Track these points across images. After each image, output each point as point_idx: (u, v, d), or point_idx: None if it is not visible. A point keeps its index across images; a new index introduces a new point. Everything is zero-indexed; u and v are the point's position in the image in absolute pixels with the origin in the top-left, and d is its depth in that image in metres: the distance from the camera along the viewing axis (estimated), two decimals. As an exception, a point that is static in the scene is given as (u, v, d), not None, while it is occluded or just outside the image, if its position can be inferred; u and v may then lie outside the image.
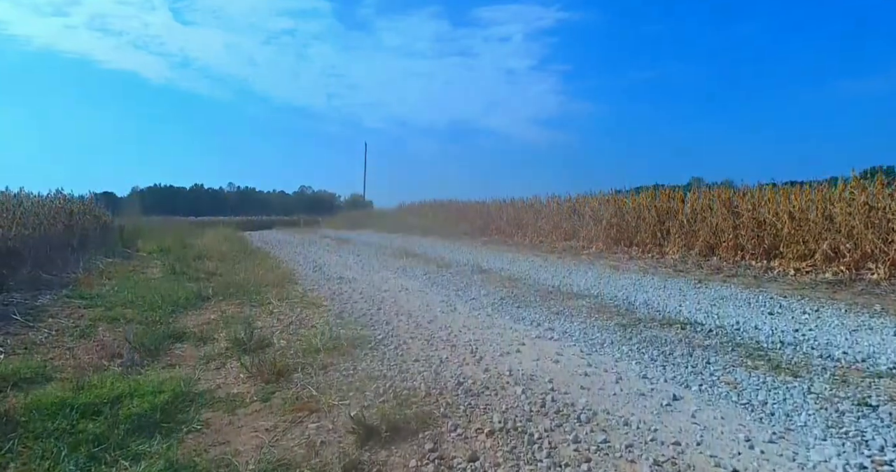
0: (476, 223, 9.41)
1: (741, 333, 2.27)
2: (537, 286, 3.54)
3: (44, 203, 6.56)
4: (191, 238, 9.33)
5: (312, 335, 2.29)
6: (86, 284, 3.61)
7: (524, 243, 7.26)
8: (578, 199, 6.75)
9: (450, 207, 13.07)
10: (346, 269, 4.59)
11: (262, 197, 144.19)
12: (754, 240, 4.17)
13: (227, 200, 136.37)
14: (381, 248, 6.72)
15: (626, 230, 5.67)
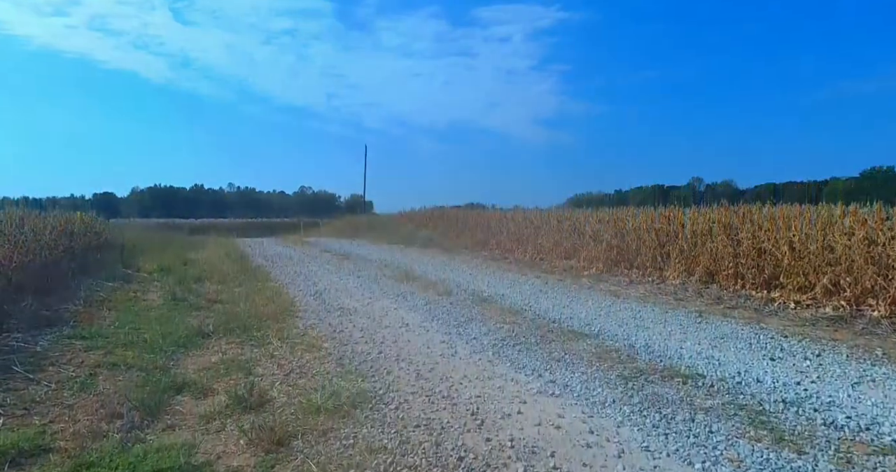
0: (476, 237, 9.41)
1: (743, 387, 2.26)
2: (538, 321, 3.53)
3: (45, 222, 6.57)
4: (191, 251, 9.33)
5: (313, 389, 2.29)
6: (86, 319, 3.60)
7: (524, 260, 7.25)
8: (579, 218, 6.74)
9: (450, 217, 13.07)
10: (347, 296, 4.58)
11: (262, 197, 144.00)
12: (754, 270, 4.16)
13: (227, 201, 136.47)
14: (382, 266, 6.71)
15: (626, 252, 5.66)
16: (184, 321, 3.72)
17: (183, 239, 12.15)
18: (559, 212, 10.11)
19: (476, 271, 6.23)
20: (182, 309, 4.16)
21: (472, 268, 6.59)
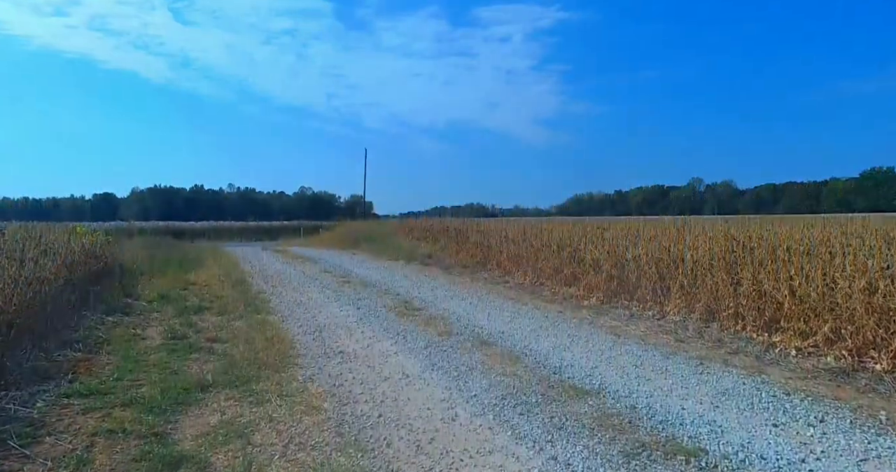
0: (476, 257, 9.39)
1: (747, 466, 2.25)
2: (539, 372, 3.51)
3: (45, 246, 6.55)
4: (191, 270, 9.32)
5: (311, 468, 2.28)
6: (85, 369, 3.59)
7: (524, 285, 7.24)
8: (579, 246, 6.73)
9: (450, 230, 13.07)
10: (347, 334, 4.56)
11: (261, 198, 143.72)
12: (755, 312, 4.14)
13: (227, 202, 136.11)
14: (382, 292, 6.69)
15: (626, 284, 5.65)
16: (183, 368, 3.71)
17: (183, 253, 12.14)
18: (560, 228, 10.11)
19: (476, 299, 6.21)
20: (181, 351, 4.14)
21: (471, 294, 6.57)
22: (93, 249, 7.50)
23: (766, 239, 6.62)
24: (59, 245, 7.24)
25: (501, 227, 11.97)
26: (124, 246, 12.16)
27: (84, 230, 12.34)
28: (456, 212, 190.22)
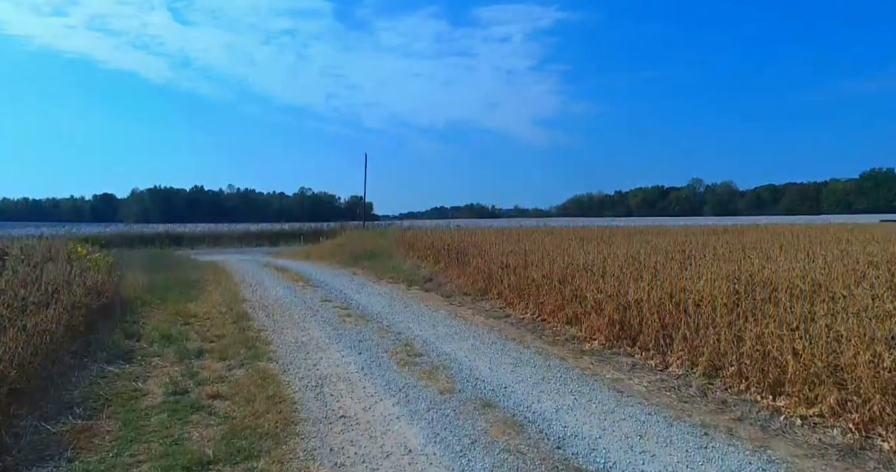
0: (478, 283, 9.36)
1: None
2: (543, 448, 3.49)
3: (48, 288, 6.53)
4: (193, 295, 9.31)
5: None
6: (86, 442, 3.56)
7: (525, 320, 7.22)
8: (580, 284, 6.70)
9: (451, 248, 13.05)
10: (349, 391, 4.54)
11: (261, 199, 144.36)
12: (758, 373, 4.12)
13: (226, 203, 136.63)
14: (384, 331, 6.68)
15: (629, 328, 5.63)
16: (184, 437, 3.68)
17: (184, 274, 12.13)
18: (563, 253, 10.09)
19: (478, 340, 6.19)
20: (182, 412, 4.12)
21: (473, 332, 6.55)
22: (95, 281, 7.46)
23: (766, 278, 6.62)
24: (60, 279, 7.22)
25: (503, 249, 11.96)
26: (125, 264, 12.15)
27: (85, 252, 12.33)
28: (456, 213, 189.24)
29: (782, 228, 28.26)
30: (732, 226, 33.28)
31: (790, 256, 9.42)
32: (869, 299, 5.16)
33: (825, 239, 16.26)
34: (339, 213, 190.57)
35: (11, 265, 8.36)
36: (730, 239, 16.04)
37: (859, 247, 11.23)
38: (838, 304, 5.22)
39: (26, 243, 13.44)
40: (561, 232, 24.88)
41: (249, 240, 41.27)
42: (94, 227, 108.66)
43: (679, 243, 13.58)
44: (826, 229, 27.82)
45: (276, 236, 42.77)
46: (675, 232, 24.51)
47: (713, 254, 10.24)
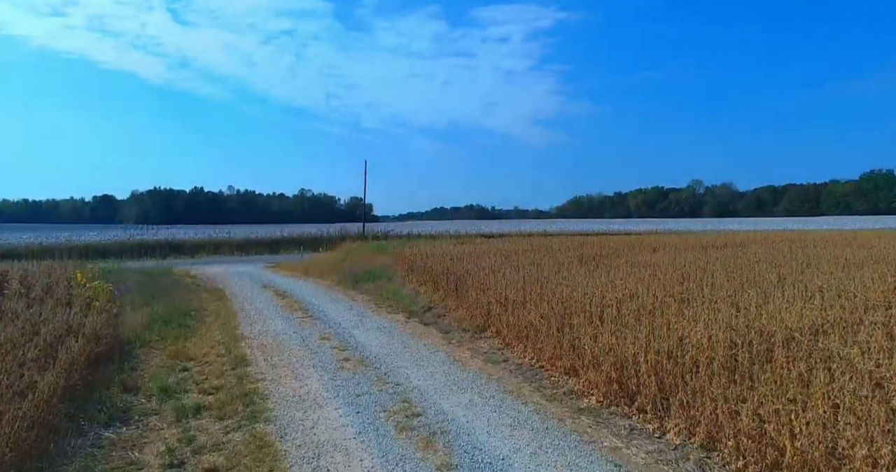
0: (476, 318, 9.36)
1: None
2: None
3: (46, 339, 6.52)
4: (192, 329, 9.32)
5: None
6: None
7: (523, 365, 7.22)
8: (579, 334, 6.70)
9: (450, 274, 13.05)
10: (346, 463, 4.55)
11: (261, 200, 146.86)
12: (756, 454, 4.13)
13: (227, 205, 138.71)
14: (382, 381, 6.68)
15: (626, 387, 5.63)
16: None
17: (186, 302, 12.14)
18: (564, 287, 10.09)
19: (475, 394, 6.19)
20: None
21: (471, 383, 6.55)
22: (94, 327, 7.46)
23: (764, 326, 6.62)
24: (60, 327, 7.23)
25: (501, 275, 11.96)
26: (124, 289, 12.16)
27: (84, 280, 12.33)
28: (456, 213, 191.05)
29: (781, 238, 28.25)
30: (733, 234, 33.28)
31: (788, 290, 9.42)
32: (867, 361, 5.18)
33: (824, 258, 16.29)
34: (339, 214, 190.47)
35: (11, 305, 8.37)
36: (729, 259, 16.05)
37: (857, 275, 11.25)
38: (835, 364, 5.25)
39: (26, 270, 13.45)
40: (561, 244, 24.88)
41: (249, 248, 41.28)
42: (93, 230, 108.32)
43: (679, 268, 13.58)
44: (825, 240, 27.82)
45: (276, 243, 42.78)
46: (675, 243, 24.52)
47: (710, 285, 10.25)
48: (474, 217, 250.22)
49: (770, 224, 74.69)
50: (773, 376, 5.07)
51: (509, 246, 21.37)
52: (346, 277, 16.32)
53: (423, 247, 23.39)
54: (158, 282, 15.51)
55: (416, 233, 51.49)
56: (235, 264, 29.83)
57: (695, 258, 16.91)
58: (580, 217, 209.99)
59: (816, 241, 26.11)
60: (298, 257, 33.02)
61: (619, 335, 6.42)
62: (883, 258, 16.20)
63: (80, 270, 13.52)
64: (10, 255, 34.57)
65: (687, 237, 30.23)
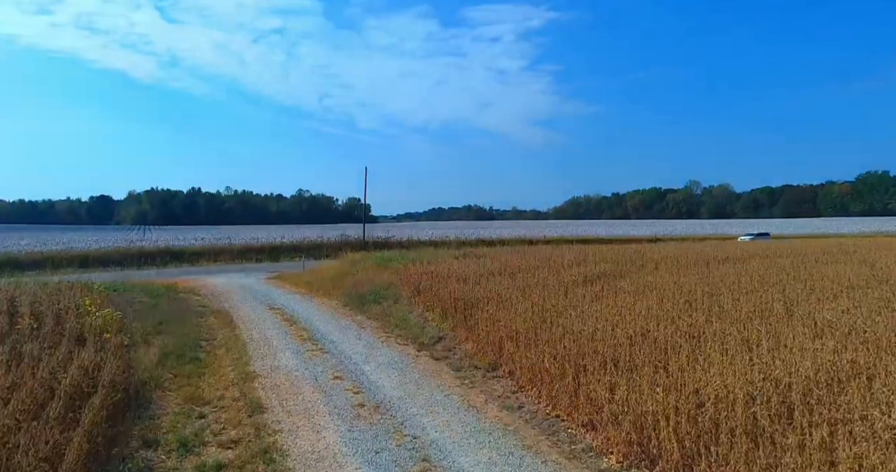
0: (488, 356, 9.41)
1: None
2: None
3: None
4: (206, 363, 9.34)
5: None
6: None
7: (538, 413, 7.27)
8: (595, 384, 6.74)
9: (456, 293, 13.10)
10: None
11: (259, 201, 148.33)
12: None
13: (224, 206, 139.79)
14: (397, 432, 6.72)
15: (647, 450, 5.68)
16: None
17: (193, 331, 12.16)
18: (574, 320, 10.11)
19: (493, 450, 6.23)
20: None
21: (488, 435, 6.59)
22: (112, 374, 7.46)
23: (780, 377, 6.67)
24: (78, 373, 7.23)
25: (509, 302, 12.00)
26: (132, 316, 12.17)
27: (93, 307, 12.33)
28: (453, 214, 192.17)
29: (780, 250, 28.33)
30: (732, 245, 33.40)
31: (797, 325, 9.45)
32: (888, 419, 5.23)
33: (827, 277, 16.37)
34: (337, 215, 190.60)
35: (28, 348, 8.36)
36: (732, 280, 16.12)
37: (864, 301, 11.33)
38: (858, 427, 5.30)
39: (35, 295, 13.44)
40: (563, 258, 24.92)
41: (250, 255, 41.25)
42: (90, 232, 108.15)
43: (684, 292, 13.62)
44: (825, 250, 27.91)
45: (276, 250, 42.75)
46: (676, 256, 24.59)
47: (718, 316, 10.32)
48: (473, 218, 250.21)
49: (768, 229, 74.84)
50: (795, 439, 5.14)
51: (514, 262, 21.40)
52: (352, 297, 16.34)
53: (426, 261, 23.42)
54: (164, 305, 15.50)
55: (415, 238, 51.49)
56: (237, 274, 29.84)
57: (699, 278, 17.00)
58: (578, 218, 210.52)
59: (816, 253, 26.22)
60: (300, 267, 33.05)
61: (636, 387, 6.47)
62: (885, 278, 16.33)
63: (87, 296, 13.52)
64: (11, 263, 34.50)
65: (687, 250, 30.26)
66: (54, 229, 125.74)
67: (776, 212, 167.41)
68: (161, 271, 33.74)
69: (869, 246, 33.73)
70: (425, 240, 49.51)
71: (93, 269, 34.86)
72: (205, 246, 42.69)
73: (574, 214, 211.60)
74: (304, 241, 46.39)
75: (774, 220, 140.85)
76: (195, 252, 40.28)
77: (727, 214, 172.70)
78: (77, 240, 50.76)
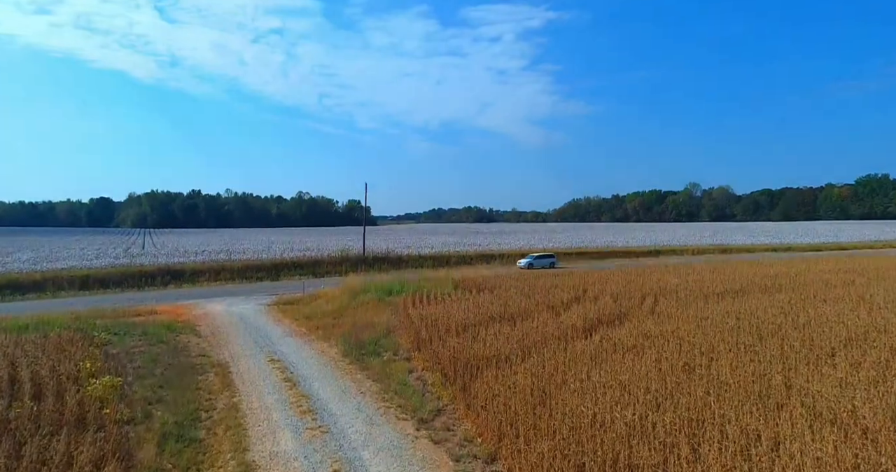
0: (488, 440, 9.44)
1: None
2: None
3: None
4: (200, 433, 9.38)
5: None
6: None
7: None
8: None
9: (456, 353, 13.13)
10: None
11: (260, 203, 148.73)
12: None
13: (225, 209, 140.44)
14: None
15: None
16: None
17: (193, 395, 12.18)
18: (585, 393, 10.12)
19: None
20: None
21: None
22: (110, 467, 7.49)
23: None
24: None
25: (509, 377, 12.03)
26: (132, 374, 12.20)
27: (93, 368, 12.37)
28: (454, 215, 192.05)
29: (777, 280, 28.28)
30: (731, 268, 33.34)
31: (796, 418, 9.36)
32: None
33: (825, 322, 16.38)
34: (337, 217, 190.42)
35: (28, 451, 8.38)
36: (729, 327, 16.12)
37: (863, 369, 11.32)
38: None
39: (36, 358, 13.44)
40: (561, 289, 24.94)
41: (250, 274, 41.30)
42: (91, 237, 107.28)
43: (682, 349, 13.61)
44: (825, 280, 27.86)
45: (277, 268, 42.78)
46: (675, 287, 24.59)
47: (717, 396, 10.32)
48: (472, 219, 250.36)
49: (766, 236, 74.65)
50: None
51: (513, 300, 21.41)
52: (352, 345, 16.35)
53: (426, 296, 23.44)
54: (164, 355, 15.53)
55: (415, 253, 51.53)
56: (237, 298, 29.92)
57: (696, 323, 17.02)
58: (578, 220, 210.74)
59: (815, 284, 26.18)
60: (300, 287, 33.17)
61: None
62: (883, 327, 16.35)
63: (87, 356, 13.56)
64: (12, 285, 34.57)
65: (686, 275, 30.23)
66: (54, 234, 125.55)
67: (776, 214, 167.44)
68: (162, 293, 33.82)
69: (868, 268, 33.69)
70: (426, 254, 49.58)
71: (93, 291, 34.94)
72: (205, 264, 42.74)
73: (574, 215, 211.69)
74: (304, 256, 46.42)
75: (773, 223, 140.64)
76: (195, 271, 40.31)
77: (727, 216, 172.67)
78: (77, 255, 50.81)
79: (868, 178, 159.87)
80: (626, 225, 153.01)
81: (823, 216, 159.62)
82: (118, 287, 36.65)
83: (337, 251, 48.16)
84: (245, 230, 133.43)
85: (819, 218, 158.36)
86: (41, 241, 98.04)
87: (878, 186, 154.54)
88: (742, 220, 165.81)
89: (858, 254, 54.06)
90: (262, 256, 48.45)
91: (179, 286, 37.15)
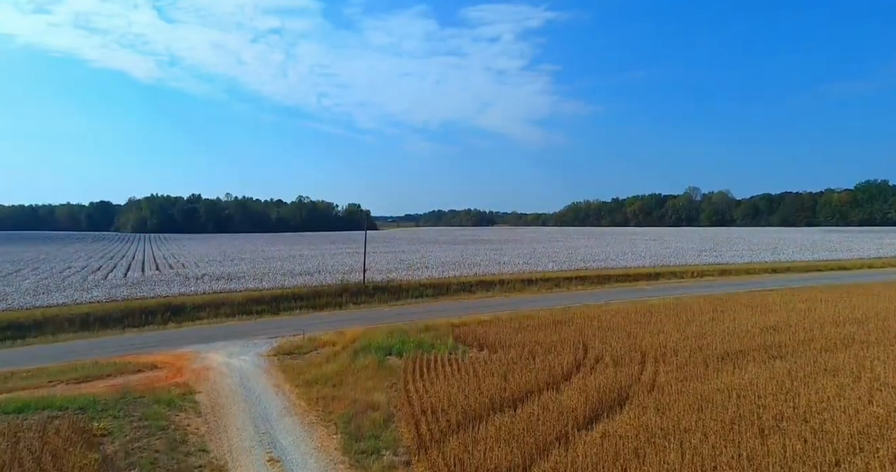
0: None
1: None
2: None
3: None
4: None
5: None
6: None
7: None
8: None
9: (464, 431, 13.14)
10: None
11: (260, 207, 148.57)
12: None
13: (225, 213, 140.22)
14: None
15: None
16: None
17: None
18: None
19: None
20: None
21: None
22: None
23: None
24: None
25: None
26: None
27: None
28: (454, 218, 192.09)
29: (781, 331, 28.18)
30: (731, 297, 33.22)
31: None
32: None
33: (830, 417, 16.35)
34: (337, 221, 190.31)
35: None
36: (731, 408, 16.10)
37: None
38: None
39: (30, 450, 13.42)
40: (558, 366, 24.95)
41: (251, 307, 41.47)
42: (90, 244, 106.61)
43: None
44: (831, 341, 27.72)
45: (277, 301, 42.90)
46: (674, 347, 24.61)
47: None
48: (472, 222, 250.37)
49: (766, 251, 74.29)
50: None
51: (513, 377, 21.41)
52: (351, 435, 16.40)
53: (426, 372, 23.44)
54: (161, 457, 15.53)
55: (415, 279, 51.67)
56: (237, 342, 30.05)
57: (697, 406, 17.02)
58: (578, 224, 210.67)
59: (815, 347, 25.88)
60: (300, 326, 33.36)
61: None
62: (885, 419, 16.33)
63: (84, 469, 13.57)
64: (13, 326, 34.68)
65: (686, 327, 30.09)
66: (54, 241, 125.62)
67: (775, 219, 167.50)
68: (162, 334, 33.97)
69: (868, 314, 33.33)
70: (425, 281, 49.71)
71: (94, 331, 35.08)
72: (206, 296, 42.93)
73: (574, 219, 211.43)
74: (304, 287, 46.59)
75: (773, 230, 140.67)
76: (196, 305, 40.50)
77: (727, 221, 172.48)
78: (78, 283, 50.99)
79: (867, 184, 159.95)
80: (626, 230, 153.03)
81: (823, 222, 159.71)
82: (119, 325, 36.85)
83: (337, 281, 48.25)
84: (244, 236, 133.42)
85: (818, 224, 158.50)
86: (42, 250, 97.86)
87: (877, 192, 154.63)
88: (741, 225, 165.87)
89: (858, 278, 54.19)
90: (263, 283, 48.58)
91: (180, 324, 37.32)
